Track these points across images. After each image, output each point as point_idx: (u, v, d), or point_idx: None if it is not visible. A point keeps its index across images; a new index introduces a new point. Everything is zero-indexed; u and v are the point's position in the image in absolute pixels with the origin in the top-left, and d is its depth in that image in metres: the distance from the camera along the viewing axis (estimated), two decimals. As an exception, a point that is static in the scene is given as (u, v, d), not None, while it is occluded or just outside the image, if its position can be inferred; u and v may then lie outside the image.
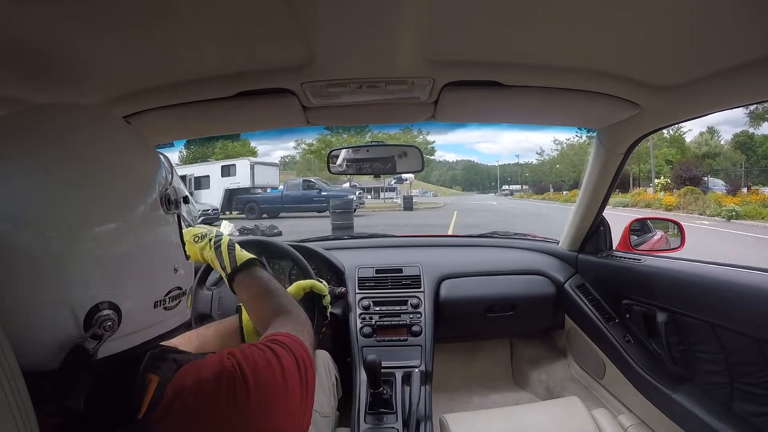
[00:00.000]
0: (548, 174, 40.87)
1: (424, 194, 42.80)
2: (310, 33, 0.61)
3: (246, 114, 0.94)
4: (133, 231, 0.43)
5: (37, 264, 0.37)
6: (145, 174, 0.46)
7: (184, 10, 0.53)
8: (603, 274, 1.38)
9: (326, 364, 1.16)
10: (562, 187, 34.87)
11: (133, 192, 0.44)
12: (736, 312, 0.88)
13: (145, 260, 0.44)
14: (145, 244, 0.44)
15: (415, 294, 1.38)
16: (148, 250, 0.45)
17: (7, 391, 0.31)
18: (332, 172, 1.28)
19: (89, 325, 0.39)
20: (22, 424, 0.32)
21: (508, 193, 47.29)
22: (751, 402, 0.90)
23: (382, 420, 1.06)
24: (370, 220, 12.76)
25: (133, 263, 0.43)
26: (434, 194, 47.64)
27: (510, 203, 27.65)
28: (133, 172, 0.45)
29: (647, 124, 1.01)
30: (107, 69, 0.69)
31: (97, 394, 0.39)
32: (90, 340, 0.39)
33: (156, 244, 0.46)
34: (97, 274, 0.40)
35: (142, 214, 0.44)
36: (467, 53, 0.71)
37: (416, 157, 1.23)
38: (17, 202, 0.38)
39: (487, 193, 55.98)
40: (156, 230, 0.46)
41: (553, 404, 1.24)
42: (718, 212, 11.68)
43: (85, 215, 0.40)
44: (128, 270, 0.42)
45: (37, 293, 0.38)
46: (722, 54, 0.66)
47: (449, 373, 1.70)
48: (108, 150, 0.44)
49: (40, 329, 0.38)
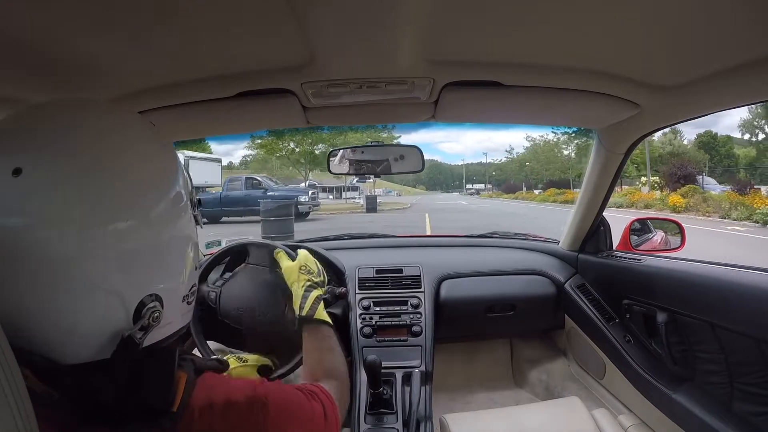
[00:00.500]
0: (518, 172, 39.99)
1: (387, 194, 41.49)
2: (310, 33, 0.61)
3: (246, 114, 0.94)
4: (174, 226, 0.46)
5: (77, 263, 0.38)
6: (172, 172, 0.48)
7: (184, 10, 0.53)
8: (603, 274, 1.38)
9: None
10: (535, 185, 33.77)
11: (165, 188, 0.47)
12: (736, 312, 0.88)
13: (178, 255, 0.47)
14: (178, 239, 0.47)
15: (416, 294, 1.38)
16: (183, 246, 0.48)
17: (7, 391, 0.31)
18: (332, 172, 1.29)
19: (138, 316, 0.41)
20: (22, 424, 0.32)
21: (474, 192, 46.30)
22: (751, 402, 0.90)
23: (382, 420, 1.06)
24: (323, 225, 10.64)
25: (169, 257, 0.46)
26: (398, 194, 46.72)
27: (479, 202, 26.60)
28: (160, 170, 0.47)
29: (647, 124, 1.01)
30: (107, 69, 0.69)
31: (129, 387, 0.40)
32: (138, 331, 0.41)
33: (188, 240, 0.49)
34: (144, 267, 0.42)
35: (181, 210, 0.47)
36: (467, 53, 0.71)
37: (416, 157, 1.23)
38: (42, 202, 0.38)
39: (451, 192, 55.27)
40: (189, 227, 0.49)
41: (553, 404, 1.24)
42: (746, 216, 10.16)
43: (118, 212, 0.41)
44: (166, 263, 0.45)
45: (82, 290, 0.39)
46: (722, 54, 0.66)
47: (449, 373, 1.70)
48: (130, 148, 0.45)
49: (94, 322, 0.40)
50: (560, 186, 27.39)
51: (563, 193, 22.94)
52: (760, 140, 24.82)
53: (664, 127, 1.02)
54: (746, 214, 10.27)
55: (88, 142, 0.42)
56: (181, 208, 0.48)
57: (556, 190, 24.95)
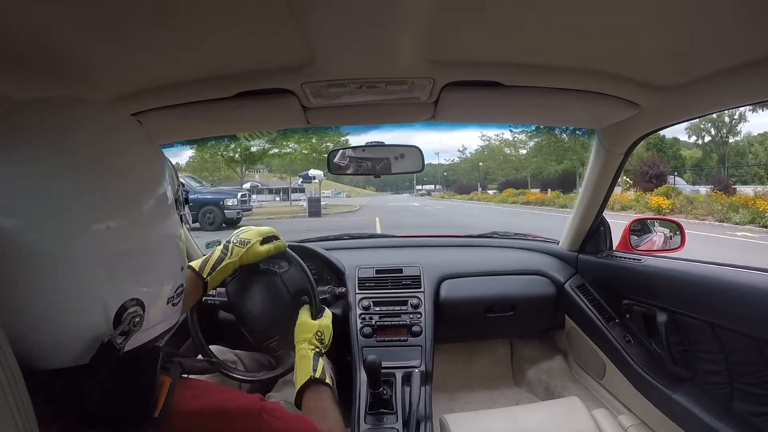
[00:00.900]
0: (471, 172, 38.58)
1: (337, 195, 40.34)
2: (310, 33, 0.61)
3: (246, 114, 0.94)
4: (156, 228, 0.45)
5: (66, 264, 0.38)
6: (161, 173, 0.48)
7: (184, 10, 0.53)
8: (603, 274, 1.38)
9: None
10: (490, 185, 32.17)
11: (155, 190, 0.46)
12: (736, 312, 0.88)
13: (163, 257, 0.46)
14: (163, 241, 0.46)
15: (415, 294, 1.38)
16: (166, 247, 0.47)
17: (7, 391, 0.31)
18: (332, 172, 1.29)
19: (118, 321, 0.40)
20: (22, 424, 0.32)
21: (425, 193, 44.84)
22: (750, 402, 0.90)
23: (382, 420, 1.06)
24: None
25: (154, 260, 0.45)
26: (348, 195, 45.32)
27: (433, 203, 24.59)
28: (151, 171, 0.47)
29: (647, 124, 1.01)
30: (107, 69, 0.69)
31: (112, 393, 0.40)
32: (118, 336, 0.40)
33: (171, 241, 0.48)
34: (130, 269, 0.41)
35: (163, 212, 0.46)
36: (467, 53, 0.71)
37: (416, 156, 1.23)
38: (36, 201, 0.38)
39: (401, 193, 53.78)
40: (174, 228, 0.48)
41: (553, 404, 1.24)
42: (748, 219, 9.04)
43: (110, 213, 0.41)
44: (150, 266, 0.44)
45: (69, 292, 0.38)
46: (722, 54, 0.66)
47: (449, 373, 1.70)
48: (126, 149, 0.45)
49: (72, 327, 0.39)
50: (518, 186, 26.03)
51: (523, 194, 21.38)
52: (706, 142, 25.39)
53: (664, 127, 1.02)
54: (749, 217, 9.15)
55: (87, 140, 0.42)
56: (169, 206, 0.48)
57: (514, 191, 23.35)
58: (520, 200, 20.31)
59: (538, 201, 18.76)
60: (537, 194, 20.54)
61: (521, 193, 22.25)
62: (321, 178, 16.72)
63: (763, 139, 28.48)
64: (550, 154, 24.28)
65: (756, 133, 27.96)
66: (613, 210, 11.82)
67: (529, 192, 22.13)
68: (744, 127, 27.03)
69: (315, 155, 18.37)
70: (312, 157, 18.80)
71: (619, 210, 12.17)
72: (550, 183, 23.72)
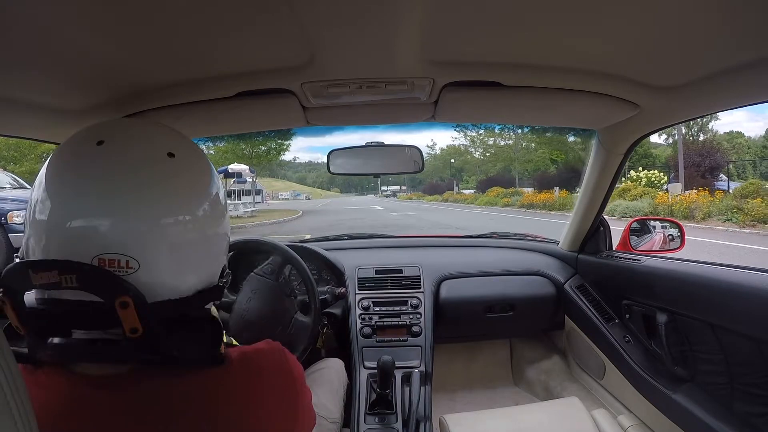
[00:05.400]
0: (442, 170, 36.77)
1: (296, 197, 39.28)
2: (310, 33, 0.61)
3: (246, 114, 0.94)
4: (226, 220, 0.55)
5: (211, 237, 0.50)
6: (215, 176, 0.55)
7: (184, 10, 0.53)
8: (603, 274, 1.38)
9: (338, 372, 1.16)
10: (462, 184, 28.94)
11: (220, 193, 0.55)
12: (736, 312, 0.88)
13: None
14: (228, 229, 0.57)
15: (415, 294, 1.38)
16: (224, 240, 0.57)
17: (7, 391, 0.31)
18: (332, 172, 1.28)
19: (222, 275, 0.53)
20: (21, 424, 0.32)
21: (390, 195, 43.75)
22: (750, 402, 0.90)
23: (382, 420, 1.06)
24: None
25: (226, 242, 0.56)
26: (308, 197, 44.62)
27: (398, 207, 20.75)
28: (212, 175, 0.54)
29: (647, 124, 1.01)
30: (107, 69, 0.69)
31: (185, 340, 0.46)
32: (219, 285, 0.52)
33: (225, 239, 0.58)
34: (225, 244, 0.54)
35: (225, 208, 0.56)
36: (467, 54, 0.72)
37: (416, 156, 1.23)
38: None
39: (365, 194, 52.84)
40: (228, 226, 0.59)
41: (553, 404, 1.24)
42: (746, 219, 7.69)
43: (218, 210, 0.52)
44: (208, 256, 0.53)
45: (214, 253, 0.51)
46: (722, 54, 0.66)
47: (449, 373, 1.70)
48: (197, 160, 0.52)
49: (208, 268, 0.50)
50: (503, 184, 21.89)
51: (517, 194, 17.32)
52: (676, 140, 25.42)
53: (664, 127, 1.02)
54: (745, 217, 7.72)
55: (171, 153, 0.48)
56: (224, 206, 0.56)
57: (501, 190, 19.27)
58: (517, 203, 16.31)
59: (541, 204, 14.64)
60: (540, 195, 15.95)
61: (515, 193, 18.52)
62: (248, 172, 15.10)
63: (729, 137, 29.61)
64: (557, 147, 21.64)
65: (722, 132, 28.58)
66: (694, 220, 8.49)
67: (526, 193, 18.05)
68: (715, 125, 27.68)
69: (242, 146, 16.63)
70: (239, 149, 16.77)
71: (700, 220, 8.45)
72: (549, 180, 20.22)
